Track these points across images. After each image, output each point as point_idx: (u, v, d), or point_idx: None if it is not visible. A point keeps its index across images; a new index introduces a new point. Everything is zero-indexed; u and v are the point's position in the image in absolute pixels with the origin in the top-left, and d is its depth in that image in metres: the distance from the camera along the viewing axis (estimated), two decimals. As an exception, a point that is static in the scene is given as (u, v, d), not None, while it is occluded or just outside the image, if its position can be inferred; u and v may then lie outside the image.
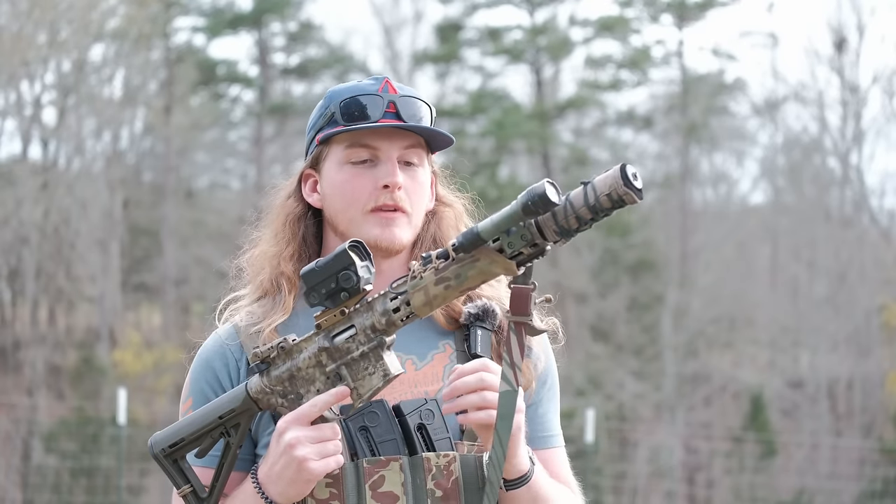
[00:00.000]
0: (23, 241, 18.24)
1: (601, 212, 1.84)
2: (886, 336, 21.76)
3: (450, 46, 23.35)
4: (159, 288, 21.76)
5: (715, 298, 21.36)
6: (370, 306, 1.95)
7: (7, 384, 18.20)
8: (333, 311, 1.95)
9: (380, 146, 2.12)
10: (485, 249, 1.89)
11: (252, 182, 24.06)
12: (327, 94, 2.18)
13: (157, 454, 2.05)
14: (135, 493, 15.13)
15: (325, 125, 2.16)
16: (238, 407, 2.02)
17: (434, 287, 1.91)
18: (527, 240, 1.86)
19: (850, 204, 21.95)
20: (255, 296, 2.20)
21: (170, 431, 2.06)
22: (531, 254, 1.88)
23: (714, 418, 20.03)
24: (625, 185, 1.81)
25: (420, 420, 2.07)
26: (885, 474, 15.27)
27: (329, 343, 1.96)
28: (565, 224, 1.85)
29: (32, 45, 18.60)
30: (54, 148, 19.97)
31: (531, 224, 1.86)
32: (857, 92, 21.40)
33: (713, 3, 23.47)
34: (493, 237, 1.88)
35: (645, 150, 24.51)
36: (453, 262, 1.90)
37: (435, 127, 2.15)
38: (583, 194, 1.84)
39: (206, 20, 23.77)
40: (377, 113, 2.12)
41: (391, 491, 2.03)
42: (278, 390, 1.99)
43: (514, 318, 1.92)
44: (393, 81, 2.15)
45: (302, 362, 1.98)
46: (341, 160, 2.14)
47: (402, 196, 2.12)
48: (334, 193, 2.14)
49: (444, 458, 2.05)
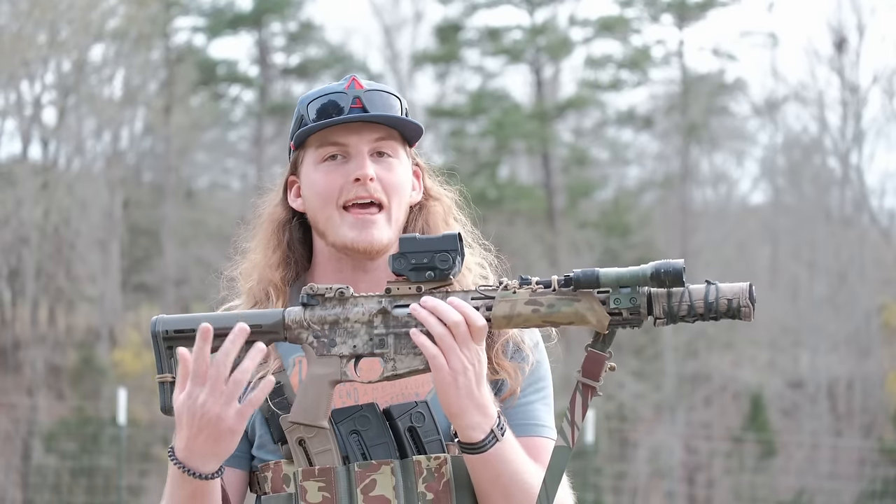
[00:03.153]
0: (23, 241, 18.24)
1: (712, 312, 1.87)
2: (886, 336, 21.76)
3: (450, 47, 23.35)
4: (159, 288, 21.76)
5: (715, 298, 21.33)
6: (446, 296, 1.94)
7: (7, 384, 18.20)
8: (409, 284, 1.95)
9: (348, 141, 2.12)
10: (589, 294, 1.90)
11: (252, 182, 24.06)
12: (299, 100, 2.19)
13: (158, 332, 2.01)
14: (135, 493, 15.13)
15: (296, 129, 2.17)
16: (266, 325, 1.98)
17: (523, 306, 1.91)
18: (634, 304, 1.88)
19: (850, 204, 21.95)
20: (248, 305, 2.20)
21: (181, 318, 2.01)
22: (628, 319, 1.89)
23: (714, 418, 20.02)
24: (748, 298, 1.86)
25: (410, 423, 2.07)
26: (885, 474, 15.27)
27: (390, 308, 1.96)
28: (676, 308, 1.88)
29: (32, 45, 18.60)
30: (54, 148, 19.98)
31: (645, 292, 1.88)
32: (857, 92, 21.40)
33: (713, 3, 23.47)
34: (608, 286, 1.88)
35: (645, 150, 24.53)
36: (552, 292, 1.91)
37: (405, 117, 2.14)
38: (704, 290, 1.88)
39: (206, 20, 23.78)
40: (343, 109, 2.12)
41: (383, 494, 2.03)
42: (315, 328, 1.97)
43: (583, 381, 1.93)
44: (360, 79, 2.15)
45: (353, 314, 1.96)
46: (315, 160, 2.14)
47: (375, 188, 2.11)
48: (310, 194, 2.14)
49: (435, 461, 2.05)
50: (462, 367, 1.91)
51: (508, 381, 2.12)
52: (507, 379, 2.12)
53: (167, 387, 1.99)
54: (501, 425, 1.99)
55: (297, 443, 2.06)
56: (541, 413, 2.16)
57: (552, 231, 21.63)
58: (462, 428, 1.96)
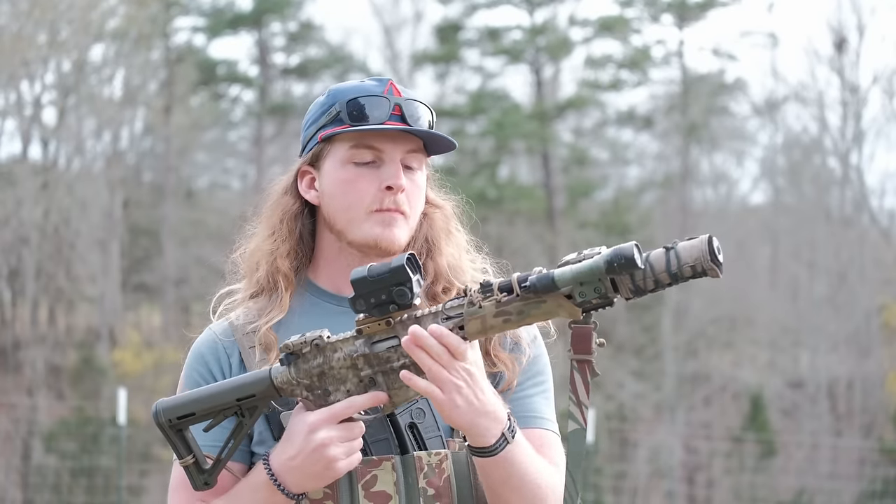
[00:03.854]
0: (23, 241, 18.24)
1: (680, 279, 1.86)
2: (886, 336, 21.76)
3: (449, 47, 23.35)
4: (159, 288, 21.76)
5: (715, 298, 21.36)
6: (418, 321, 1.96)
7: (7, 384, 18.20)
8: (378, 320, 1.96)
9: (384, 148, 2.13)
10: (553, 294, 1.89)
11: (252, 182, 24.06)
12: (330, 91, 2.18)
13: (163, 423, 2.03)
14: (135, 493, 15.13)
15: (328, 123, 2.15)
16: (259, 392, 2.01)
17: (493, 318, 1.92)
18: (599, 293, 1.88)
19: (850, 204, 21.95)
20: (250, 292, 2.20)
21: (179, 401, 2.04)
22: (599, 304, 1.89)
23: (714, 418, 20.02)
24: (711, 259, 1.85)
25: (411, 419, 2.08)
26: (885, 474, 15.27)
27: (369, 349, 1.97)
28: (642, 284, 1.87)
29: (32, 45, 18.60)
30: (54, 148, 19.98)
31: (606, 279, 1.87)
32: (857, 92, 21.40)
33: (713, 3, 23.47)
34: (567, 286, 1.88)
35: (645, 150, 24.53)
36: (517, 299, 1.91)
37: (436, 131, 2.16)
38: (665, 260, 1.86)
39: (206, 20, 23.78)
40: (383, 115, 2.12)
41: (384, 490, 2.05)
42: (305, 383, 1.99)
43: (576, 357, 1.92)
44: (396, 84, 2.16)
45: (335, 362, 1.98)
46: (344, 159, 2.13)
47: (402, 199, 2.13)
48: (335, 192, 2.14)
49: (436, 457, 2.06)
50: (456, 388, 1.93)
51: (506, 373, 2.13)
52: (505, 371, 2.13)
53: (192, 468, 2.03)
54: (512, 428, 2.00)
55: None
56: (540, 406, 2.17)
57: (552, 231, 21.63)
58: (472, 437, 1.97)
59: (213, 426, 2.03)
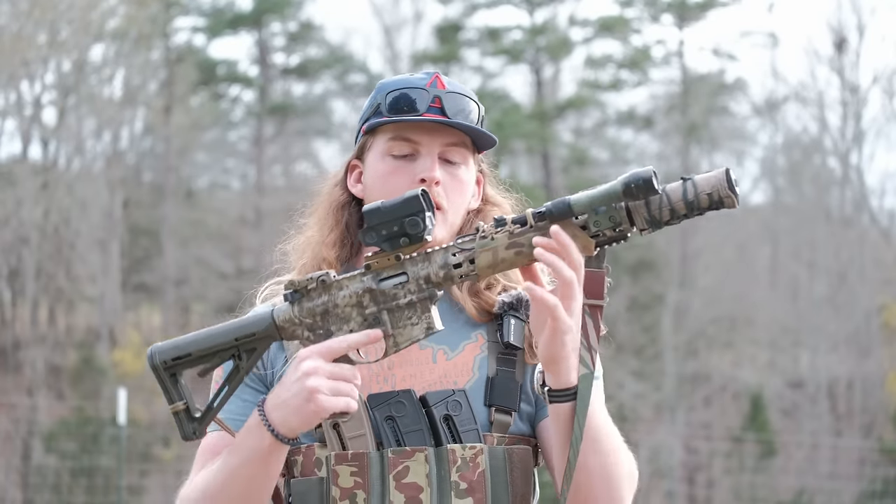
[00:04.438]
0: (23, 241, 18.24)
1: (696, 209, 1.84)
2: (886, 336, 21.76)
3: (449, 47, 23.35)
4: (159, 288, 21.76)
5: (715, 298, 21.36)
6: (428, 257, 1.91)
7: (7, 384, 18.20)
8: (387, 255, 1.91)
9: (421, 140, 2.10)
10: (567, 223, 1.87)
11: (252, 182, 24.06)
12: (377, 85, 2.17)
13: (158, 365, 1.96)
14: (135, 493, 15.13)
15: (371, 116, 2.15)
16: (260, 332, 1.95)
17: (504, 251, 1.88)
18: (614, 222, 1.86)
19: (850, 204, 21.95)
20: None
21: (175, 343, 1.97)
22: (612, 237, 1.87)
23: (714, 418, 20.03)
24: (728, 187, 1.82)
25: (447, 411, 2.04)
26: (885, 474, 15.27)
27: (375, 285, 1.92)
28: (657, 214, 1.85)
29: (32, 45, 18.60)
30: (54, 148, 19.98)
31: (622, 207, 1.85)
32: (857, 92, 21.40)
33: (713, 3, 23.47)
34: (583, 212, 1.86)
35: (645, 150, 24.52)
36: (530, 230, 1.88)
37: (480, 126, 2.13)
38: (682, 189, 1.84)
39: (206, 20, 23.79)
40: (422, 107, 2.10)
41: (415, 482, 2.01)
42: (307, 322, 1.94)
43: (588, 302, 1.91)
44: (443, 77, 2.13)
45: (340, 299, 1.93)
46: (383, 152, 2.12)
47: (439, 192, 2.09)
48: (374, 185, 2.13)
49: (471, 451, 2.02)
50: (577, 310, 1.88)
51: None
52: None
53: (182, 415, 1.96)
54: None
55: (331, 426, 2.03)
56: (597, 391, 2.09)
57: (552, 231, 21.60)
58: (561, 372, 1.90)
59: (210, 369, 1.96)
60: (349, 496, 2.02)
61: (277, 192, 23.51)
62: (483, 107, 2.16)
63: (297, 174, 25.14)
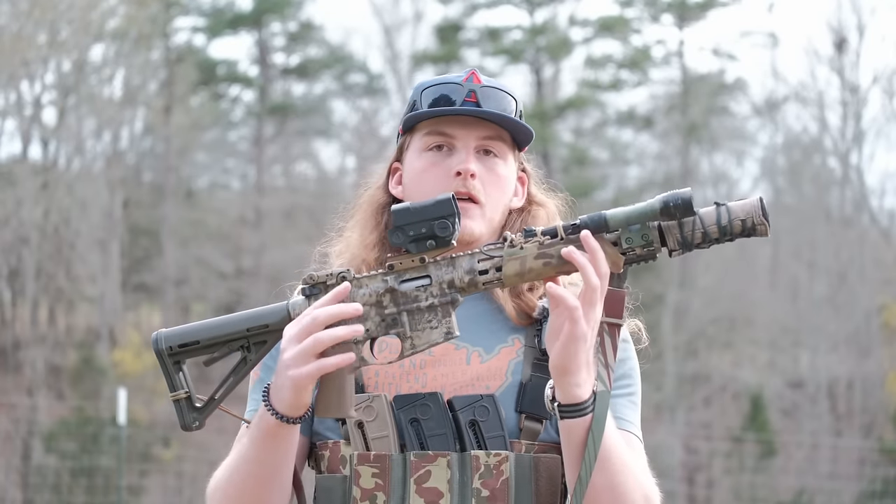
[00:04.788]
0: (23, 241, 18.24)
1: (728, 234, 1.85)
2: (886, 336, 21.76)
3: (450, 47, 23.35)
4: (159, 288, 21.76)
5: (715, 298, 21.36)
6: (453, 262, 1.90)
7: (7, 384, 18.20)
8: (412, 256, 1.91)
9: (456, 134, 2.08)
10: (599, 237, 1.87)
11: (252, 182, 24.06)
12: (415, 85, 2.16)
13: (162, 350, 1.93)
14: (135, 493, 15.13)
15: (407, 114, 2.14)
16: (273, 324, 1.93)
17: (533, 260, 1.88)
18: (646, 240, 1.86)
19: (850, 204, 21.96)
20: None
21: (183, 330, 1.94)
22: (642, 255, 1.88)
23: (714, 418, 20.02)
24: (762, 215, 1.84)
25: (473, 416, 2.00)
26: (885, 474, 15.26)
27: (397, 286, 1.91)
28: (689, 237, 1.86)
29: (32, 45, 18.59)
30: (54, 148, 19.98)
31: (655, 227, 1.86)
32: (857, 92, 21.40)
33: (713, 3, 23.48)
34: (618, 227, 1.87)
35: (645, 150, 24.53)
36: (561, 242, 1.88)
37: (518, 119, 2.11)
38: (716, 213, 1.86)
39: (206, 20, 23.80)
40: (458, 101, 2.08)
41: (436, 487, 1.98)
42: None
43: (607, 320, 1.91)
44: (480, 74, 2.12)
45: (359, 297, 1.91)
46: (420, 148, 2.11)
47: (475, 185, 2.07)
48: (412, 182, 2.11)
49: (495, 458, 1.98)
50: (595, 321, 1.87)
51: None
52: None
53: (183, 404, 1.94)
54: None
55: (355, 425, 2.01)
56: (623, 408, 2.08)
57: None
58: (570, 386, 1.88)
59: (217, 359, 1.94)
60: (370, 497, 2.00)
61: (277, 192, 23.53)
62: (521, 102, 2.14)
63: (297, 174, 25.16)
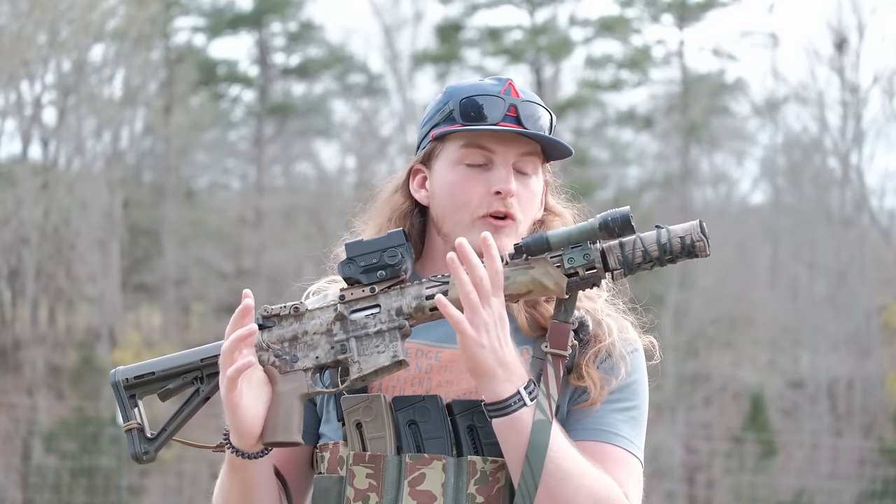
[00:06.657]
0: (23, 241, 18.24)
1: (668, 253, 1.88)
2: (886, 336, 21.76)
3: (450, 46, 23.35)
4: (159, 288, 21.76)
5: (715, 298, 21.35)
6: (402, 291, 1.93)
7: (7, 384, 18.20)
8: (362, 287, 1.94)
9: (496, 150, 2.04)
10: (541, 259, 1.89)
11: (252, 182, 24.06)
12: (446, 89, 2.11)
13: (118, 382, 1.99)
14: (135, 493, 15.13)
15: (441, 122, 2.08)
16: None
17: None
18: (588, 260, 1.89)
19: (850, 204, 21.95)
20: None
21: (139, 364, 2.01)
22: (586, 277, 1.89)
23: (714, 418, 20.02)
24: (700, 233, 1.87)
25: (472, 422, 1.99)
26: (885, 474, 15.27)
27: (348, 314, 1.94)
28: (630, 256, 1.88)
29: (32, 45, 18.59)
30: (54, 148, 19.98)
31: (597, 248, 1.89)
32: (857, 92, 21.40)
33: (714, 3, 23.49)
34: (560, 248, 1.89)
35: (645, 150, 24.53)
36: (506, 265, 1.90)
37: (554, 136, 2.08)
38: (656, 234, 1.90)
39: (206, 20, 23.80)
40: (497, 115, 2.04)
41: (430, 490, 1.96)
42: (275, 348, 1.96)
43: (552, 351, 1.94)
44: (516, 84, 2.07)
45: (311, 327, 1.96)
46: (455, 160, 2.06)
47: (513, 203, 2.04)
48: (444, 194, 2.06)
49: (492, 464, 1.97)
50: (485, 324, 1.86)
51: (592, 391, 2.00)
52: (592, 388, 2.00)
53: (135, 434, 1.99)
54: (533, 392, 1.90)
55: (354, 425, 2.01)
56: (615, 422, 2.01)
57: (552, 231, 21.61)
58: (485, 386, 1.89)
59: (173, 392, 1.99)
60: (362, 498, 1.99)
61: (277, 192, 23.53)
62: (554, 115, 2.12)
63: (297, 174, 25.16)
